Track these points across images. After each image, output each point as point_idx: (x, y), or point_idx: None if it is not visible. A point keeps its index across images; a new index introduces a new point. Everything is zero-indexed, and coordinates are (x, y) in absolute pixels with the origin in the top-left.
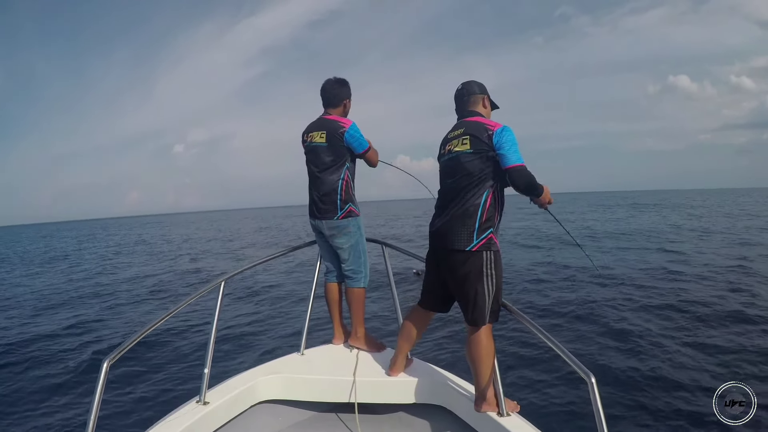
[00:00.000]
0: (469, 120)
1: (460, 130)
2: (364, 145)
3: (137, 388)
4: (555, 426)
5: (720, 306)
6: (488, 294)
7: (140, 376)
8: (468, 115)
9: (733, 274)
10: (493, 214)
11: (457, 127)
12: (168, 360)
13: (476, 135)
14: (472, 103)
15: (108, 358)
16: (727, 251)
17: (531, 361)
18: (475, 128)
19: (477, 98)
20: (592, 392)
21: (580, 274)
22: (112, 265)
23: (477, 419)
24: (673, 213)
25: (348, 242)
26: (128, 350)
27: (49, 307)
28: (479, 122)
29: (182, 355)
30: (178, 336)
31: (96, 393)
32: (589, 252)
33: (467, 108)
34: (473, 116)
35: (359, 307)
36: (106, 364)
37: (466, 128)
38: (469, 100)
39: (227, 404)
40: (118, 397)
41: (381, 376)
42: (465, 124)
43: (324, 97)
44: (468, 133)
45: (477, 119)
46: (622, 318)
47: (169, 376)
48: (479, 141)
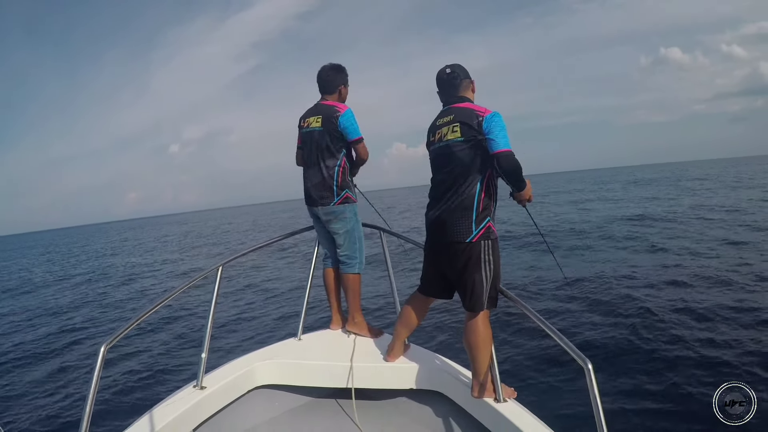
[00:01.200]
0: (458, 106)
1: (450, 116)
2: (357, 133)
3: (134, 372)
4: (552, 412)
5: (726, 297)
6: (486, 280)
7: (137, 360)
8: (457, 101)
9: (740, 256)
10: (489, 202)
11: (446, 113)
12: (165, 344)
13: (466, 122)
14: (463, 87)
15: (105, 342)
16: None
17: (528, 348)
18: (465, 115)
19: (467, 83)
20: (589, 379)
21: (577, 262)
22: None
23: (474, 405)
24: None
25: (344, 228)
26: (126, 335)
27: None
28: (469, 108)
29: (179, 339)
30: (175, 321)
31: (93, 377)
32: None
33: (457, 93)
34: (462, 102)
35: (355, 292)
36: (104, 348)
37: (456, 115)
38: (460, 85)
39: (224, 389)
40: (116, 381)
41: (378, 362)
42: (454, 110)
43: (320, 83)
44: (458, 120)
45: (466, 105)
46: (622, 305)
47: (166, 360)
48: (470, 128)
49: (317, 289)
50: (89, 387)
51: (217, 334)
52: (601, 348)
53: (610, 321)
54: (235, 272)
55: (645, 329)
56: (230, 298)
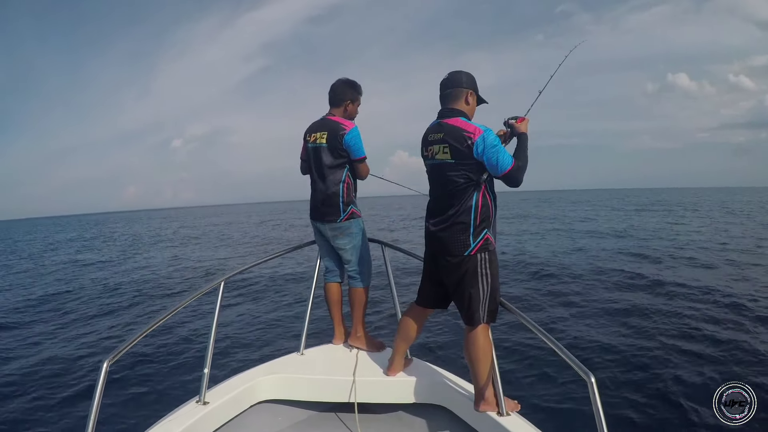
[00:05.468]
0: (448, 122)
1: (440, 134)
2: (362, 152)
3: (137, 388)
4: (555, 426)
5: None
6: (483, 293)
7: (140, 376)
8: (447, 115)
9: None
10: (487, 213)
11: (437, 129)
12: (168, 360)
13: (456, 145)
14: (453, 97)
15: (108, 358)
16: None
17: (531, 361)
18: (454, 136)
19: (460, 92)
20: (592, 392)
21: (580, 270)
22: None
23: (477, 419)
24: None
25: (350, 243)
26: (128, 350)
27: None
28: (458, 127)
29: (182, 355)
30: (177, 336)
31: (96, 393)
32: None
33: (448, 104)
34: (453, 116)
35: (361, 306)
36: (106, 364)
37: (446, 133)
38: (451, 94)
39: (227, 404)
40: (118, 397)
41: (381, 376)
42: (444, 127)
43: (329, 95)
44: (447, 140)
45: (456, 122)
46: (623, 316)
47: (168, 376)
48: (459, 151)
49: (319, 304)
50: (92, 404)
51: (220, 349)
52: (604, 360)
53: (613, 333)
54: (238, 287)
55: (648, 341)
56: (232, 312)
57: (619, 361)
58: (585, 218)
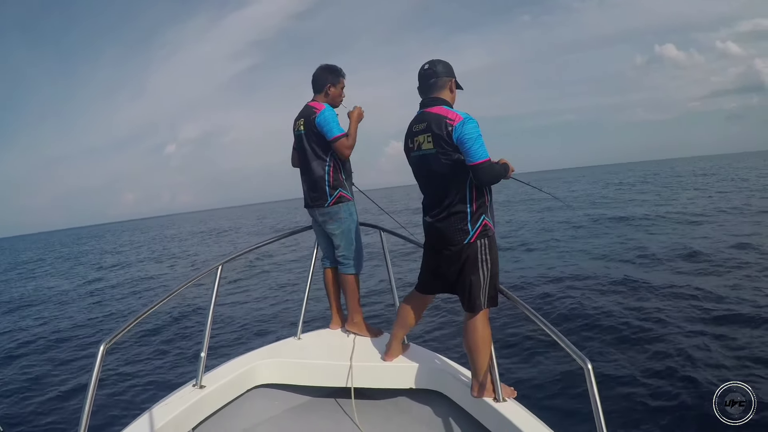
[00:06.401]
0: (430, 111)
1: (423, 124)
2: (333, 133)
3: (134, 371)
4: (552, 412)
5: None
6: (483, 279)
7: (137, 359)
8: (431, 104)
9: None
10: (482, 199)
11: (420, 119)
12: (165, 344)
13: (437, 132)
14: (438, 87)
15: (105, 341)
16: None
17: (528, 347)
18: (436, 123)
19: (443, 81)
20: (589, 378)
21: (577, 260)
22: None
23: (474, 405)
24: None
25: (339, 228)
26: (125, 334)
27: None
28: (439, 115)
29: (179, 338)
30: (175, 320)
31: (92, 376)
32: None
33: (431, 93)
34: (436, 105)
35: (353, 293)
36: (103, 348)
37: (428, 122)
38: (436, 84)
39: (223, 388)
40: (115, 381)
41: (378, 362)
42: (427, 116)
43: (312, 83)
44: (430, 129)
45: (438, 110)
46: (621, 304)
47: (165, 359)
48: (441, 139)
49: (317, 289)
50: (88, 386)
51: (217, 333)
52: (601, 347)
53: (611, 320)
54: (235, 271)
55: (646, 328)
56: (230, 296)
57: (617, 347)
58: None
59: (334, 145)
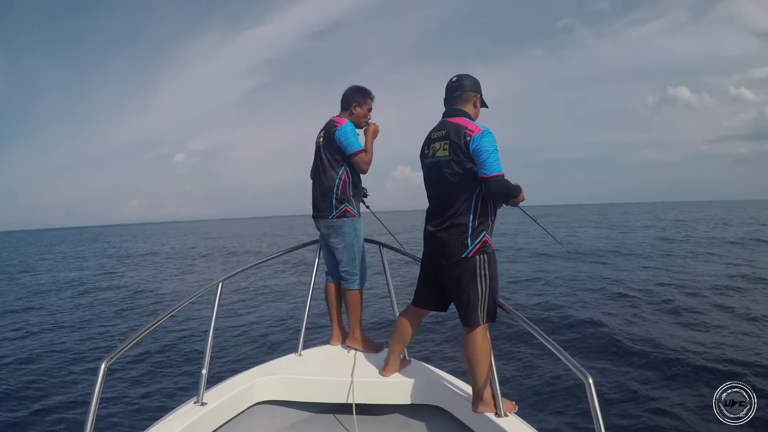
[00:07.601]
0: (451, 120)
1: (443, 131)
2: (353, 147)
3: (135, 388)
4: (553, 427)
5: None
6: (481, 294)
7: (138, 376)
8: (453, 114)
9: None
10: (486, 216)
11: (441, 127)
12: (166, 361)
13: (455, 140)
14: (462, 100)
15: (106, 358)
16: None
17: (529, 362)
18: (455, 132)
19: (468, 95)
20: (590, 393)
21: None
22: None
23: (474, 420)
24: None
25: (342, 242)
26: (126, 351)
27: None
28: (460, 125)
29: (180, 355)
30: (176, 337)
31: (94, 393)
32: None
33: (455, 105)
34: (458, 116)
35: (355, 308)
36: (105, 365)
37: (448, 131)
38: (461, 97)
39: (225, 405)
40: (117, 398)
41: (378, 377)
42: (447, 125)
43: (341, 100)
44: (449, 137)
45: (459, 120)
46: (619, 318)
47: (166, 376)
48: (458, 147)
49: (318, 305)
50: (90, 404)
51: (218, 350)
52: (602, 361)
53: (611, 334)
54: (236, 287)
55: (646, 342)
56: (231, 313)
57: (617, 362)
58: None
59: (354, 159)
